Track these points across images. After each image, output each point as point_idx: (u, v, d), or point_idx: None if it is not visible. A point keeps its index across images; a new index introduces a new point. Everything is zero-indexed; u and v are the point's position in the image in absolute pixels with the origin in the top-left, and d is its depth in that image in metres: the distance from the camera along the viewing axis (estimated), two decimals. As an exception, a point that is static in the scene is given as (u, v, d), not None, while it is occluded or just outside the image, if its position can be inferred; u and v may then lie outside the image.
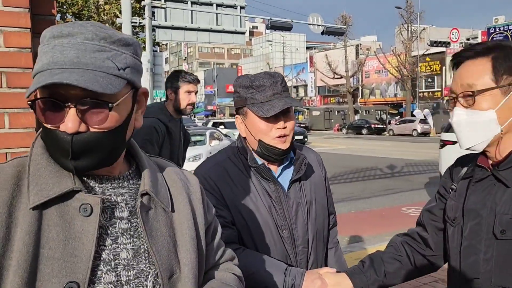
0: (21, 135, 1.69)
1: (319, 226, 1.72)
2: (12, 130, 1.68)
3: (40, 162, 0.90)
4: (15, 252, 0.81)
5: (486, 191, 1.32)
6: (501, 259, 1.24)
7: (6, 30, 1.66)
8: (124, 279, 0.90)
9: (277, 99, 1.56)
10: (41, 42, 0.86)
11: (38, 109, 0.83)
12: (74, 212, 0.87)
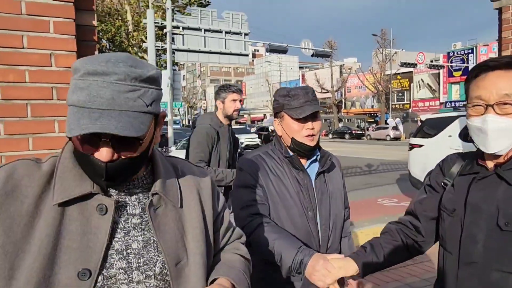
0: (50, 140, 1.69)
1: (338, 215, 1.71)
2: (61, 134, 1.68)
3: (67, 165, 0.87)
4: (36, 239, 0.79)
5: (489, 188, 1.24)
6: (504, 248, 1.18)
7: (57, 53, 1.67)
8: (135, 265, 0.88)
9: (307, 105, 1.58)
10: (74, 74, 0.81)
11: (75, 139, 0.80)
12: (92, 210, 0.86)
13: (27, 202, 0.81)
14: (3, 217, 0.78)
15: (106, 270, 0.85)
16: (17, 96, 1.60)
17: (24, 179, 0.83)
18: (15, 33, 1.59)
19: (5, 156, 1.59)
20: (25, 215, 0.80)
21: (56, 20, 1.66)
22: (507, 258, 1.16)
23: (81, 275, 0.80)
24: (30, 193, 0.82)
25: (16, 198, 0.81)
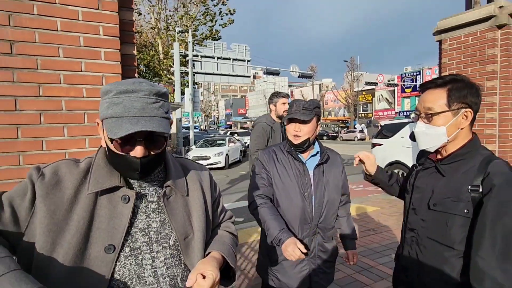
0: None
1: (332, 198, 1.65)
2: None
3: (100, 164, 0.88)
4: (74, 221, 0.80)
5: (429, 176, 1.27)
6: (431, 222, 1.21)
7: (107, 75, 1.68)
8: (154, 239, 0.88)
9: (294, 113, 1.57)
10: (105, 95, 0.83)
11: (115, 143, 0.81)
12: (118, 199, 0.86)
13: (68, 192, 0.82)
14: (49, 203, 0.79)
15: (132, 244, 0.85)
16: (76, 107, 1.61)
17: (66, 175, 0.84)
18: (75, 60, 1.60)
19: (68, 152, 1.59)
20: (66, 202, 0.81)
21: (106, 51, 1.67)
22: (433, 229, 1.19)
23: (107, 249, 0.81)
24: (70, 185, 0.83)
25: (60, 189, 0.81)
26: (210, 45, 15.46)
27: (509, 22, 4.03)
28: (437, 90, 1.18)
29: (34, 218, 0.77)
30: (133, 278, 0.82)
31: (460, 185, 1.12)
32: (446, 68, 4.61)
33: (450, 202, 1.12)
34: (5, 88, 1.46)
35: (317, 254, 1.63)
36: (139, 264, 0.84)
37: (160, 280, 0.86)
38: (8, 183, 1.46)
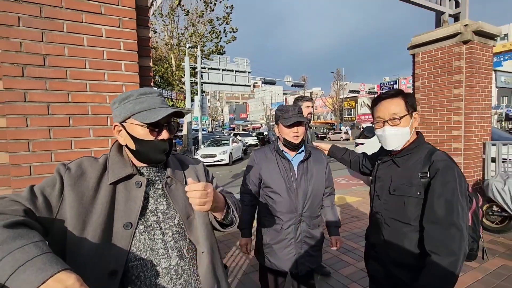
0: None
1: (316, 190, 1.63)
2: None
3: (115, 158, 0.91)
4: (98, 205, 0.82)
5: (387, 168, 1.33)
6: (392, 205, 1.26)
7: (127, 84, 1.67)
8: (161, 219, 0.91)
9: (293, 117, 1.56)
10: (128, 98, 0.88)
11: (146, 131, 0.87)
12: (132, 185, 0.88)
13: (91, 182, 0.84)
14: (76, 191, 0.81)
15: (145, 222, 0.88)
16: (101, 112, 1.60)
17: (88, 168, 0.87)
18: (99, 71, 1.59)
19: (93, 151, 1.58)
20: (91, 190, 0.83)
21: (126, 63, 1.66)
22: (394, 211, 1.26)
23: (125, 226, 0.84)
24: (93, 176, 0.85)
25: (84, 180, 0.84)
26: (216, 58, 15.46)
27: (472, 38, 4.03)
28: (395, 99, 1.24)
29: (64, 204, 0.79)
30: (147, 250, 0.85)
31: (411, 173, 1.20)
32: (419, 78, 4.60)
33: (405, 187, 1.20)
34: (39, 95, 1.45)
35: (302, 239, 1.62)
36: (151, 239, 0.87)
37: (169, 251, 0.88)
38: (41, 177, 1.46)
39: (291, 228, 1.59)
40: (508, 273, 2.77)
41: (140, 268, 0.83)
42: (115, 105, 0.89)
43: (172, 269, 0.87)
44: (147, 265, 0.84)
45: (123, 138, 0.90)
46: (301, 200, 1.59)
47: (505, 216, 3.70)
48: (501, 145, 4.12)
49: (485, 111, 4.34)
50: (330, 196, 1.80)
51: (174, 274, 0.87)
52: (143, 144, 0.88)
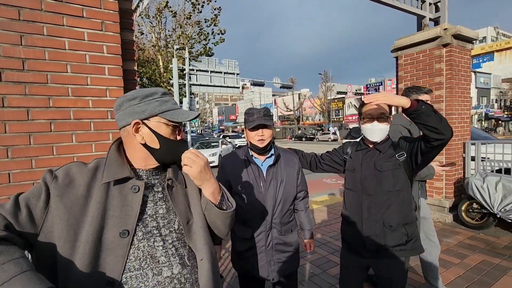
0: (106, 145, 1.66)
1: (286, 195, 1.56)
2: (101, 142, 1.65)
3: (113, 158, 0.85)
4: (90, 213, 0.77)
5: (371, 156, 1.59)
6: (379, 180, 1.53)
7: (110, 88, 1.64)
8: (161, 224, 0.86)
9: (257, 120, 1.49)
10: (155, 95, 0.87)
11: (171, 129, 0.87)
12: (128, 190, 0.83)
13: (81, 189, 0.79)
14: (65, 201, 0.76)
15: (144, 228, 0.83)
16: (84, 116, 1.57)
17: (77, 174, 0.81)
18: (82, 75, 1.56)
19: (76, 156, 1.55)
20: (81, 198, 0.78)
21: (110, 67, 1.63)
22: (381, 184, 1.52)
23: (122, 234, 0.79)
24: (82, 182, 0.80)
25: (73, 187, 0.79)
26: (204, 60, 15.36)
27: (452, 42, 4.17)
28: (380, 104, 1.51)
29: (49, 216, 0.74)
30: (147, 258, 0.80)
31: (389, 155, 1.54)
32: (402, 79, 4.72)
33: (387, 164, 1.53)
34: (18, 100, 1.41)
35: (274, 246, 1.55)
36: (151, 246, 0.82)
37: (171, 259, 0.84)
38: (21, 184, 1.41)
39: (262, 235, 1.53)
40: (488, 268, 2.87)
41: (140, 278, 0.78)
42: (135, 101, 0.84)
43: (175, 278, 0.83)
44: (147, 274, 0.79)
45: (143, 135, 0.85)
46: (270, 206, 1.52)
47: (484, 213, 3.84)
48: (480, 144, 4.27)
49: (464, 112, 4.50)
50: (303, 200, 1.73)
51: (177, 283, 0.83)
52: (168, 143, 0.86)
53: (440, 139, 1.34)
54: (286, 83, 23.69)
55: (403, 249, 1.53)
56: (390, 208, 1.52)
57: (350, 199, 1.66)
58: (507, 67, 37.34)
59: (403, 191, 1.52)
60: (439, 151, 1.44)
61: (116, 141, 0.91)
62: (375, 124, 1.52)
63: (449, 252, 3.27)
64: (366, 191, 1.56)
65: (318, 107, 43.30)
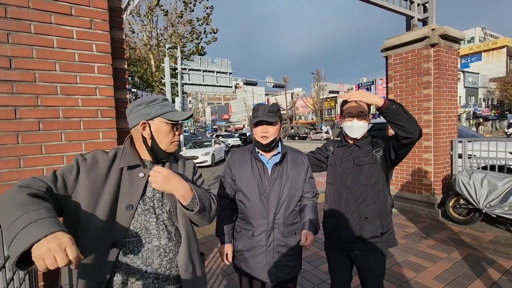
0: (108, 143, 1.65)
1: (291, 195, 1.51)
2: (104, 140, 1.64)
3: (127, 149, 1.09)
4: (107, 188, 0.99)
5: (351, 151, 1.68)
6: (357, 174, 1.62)
7: (100, 87, 1.62)
8: (156, 205, 1.07)
9: (261, 116, 1.46)
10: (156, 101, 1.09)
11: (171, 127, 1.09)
12: (136, 175, 1.05)
13: (102, 170, 1.02)
14: (91, 177, 0.99)
15: (143, 206, 1.04)
16: (73, 115, 1.56)
17: (100, 159, 1.04)
18: (71, 74, 1.55)
19: (66, 156, 1.54)
20: (102, 176, 1.01)
21: (99, 65, 1.62)
22: (358, 178, 1.62)
23: (127, 207, 1.01)
24: (104, 165, 1.03)
25: (97, 168, 1.01)
26: (197, 59, 15.28)
27: (439, 42, 4.26)
28: (361, 101, 1.59)
29: (78, 186, 0.96)
30: (142, 229, 1.02)
31: (367, 150, 1.63)
32: (392, 79, 4.80)
33: (364, 158, 1.61)
34: (5, 99, 1.39)
35: (274, 248, 1.49)
36: (147, 220, 1.03)
37: (160, 233, 1.05)
38: (9, 184, 1.40)
39: (263, 235, 1.48)
40: (474, 261, 2.96)
41: (135, 243, 1.00)
42: (141, 106, 1.07)
43: (161, 248, 1.04)
44: (141, 241, 1.01)
45: (147, 133, 1.07)
46: (273, 205, 1.48)
47: (470, 209, 3.95)
48: (467, 142, 4.39)
49: (452, 110, 4.60)
50: (311, 200, 1.64)
51: (162, 252, 1.04)
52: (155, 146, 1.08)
53: (408, 138, 1.45)
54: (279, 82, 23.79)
55: (378, 241, 1.61)
56: (365, 200, 1.60)
57: (330, 193, 1.74)
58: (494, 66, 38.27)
59: (378, 185, 1.61)
60: (409, 150, 1.55)
61: (129, 137, 1.12)
62: (354, 121, 1.61)
63: (436, 246, 3.35)
64: (344, 184, 1.65)
65: (310, 106, 43.55)
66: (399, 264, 2.94)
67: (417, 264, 2.93)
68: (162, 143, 1.08)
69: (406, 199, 4.71)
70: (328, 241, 1.78)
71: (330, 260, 1.79)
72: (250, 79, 20.51)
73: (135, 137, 1.10)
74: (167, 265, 1.04)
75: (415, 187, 4.65)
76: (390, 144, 1.56)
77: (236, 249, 1.58)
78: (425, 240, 3.55)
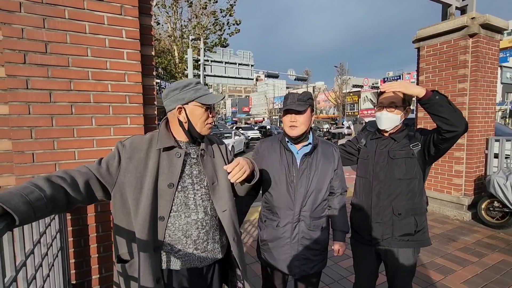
0: (135, 129, 1.68)
1: (319, 188, 1.47)
2: (132, 126, 1.67)
3: (163, 132, 1.14)
4: (149, 169, 1.07)
5: (385, 143, 1.61)
6: (392, 169, 1.55)
7: (129, 73, 1.65)
8: (195, 181, 1.16)
9: (290, 104, 1.41)
10: (190, 85, 1.12)
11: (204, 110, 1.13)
12: (173, 155, 1.12)
13: (143, 153, 1.09)
14: (133, 161, 1.07)
15: (182, 183, 1.12)
16: (103, 100, 1.59)
17: (139, 143, 1.11)
18: (102, 59, 1.58)
19: (96, 139, 1.58)
20: (143, 158, 1.08)
21: (128, 51, 1.64)
22: (393, 172, 1.54)
23: (169, 186, 1.09)
24: (143, 148, 1.10)
25: (138, 151, 1.09)
26: (219, 51, 15.32)
27: (479, 32, 3.95)
28: (397, 92, 1.51)
29: (121, 171, 1.05)
30: (182, 204, 1.11)
31: (403, 143, 1.56)
32: (423, 71, 4.54)
33: (400, 152, 1.54)
34: (41, 82, 1.44)
35: (299, 240, 1.46)
36: (186, 196, 1.12)
37: (197, 208, 1.14)
38: (44, 165, 1.46)
39: (288, 226, 1.45)
40: (508, 268, 2.77)
41: (176, 217, 1.10)
42: (176, 91, 1.11)
43: (198, 221, 1.14)
44: (181, 216, 1.11)
45: (183, 117, 1.12)
46: (300, 197, 1.44)
47: (506, 212, 3.69)
48: (505, 140, 4.08)
49: (489, 107, 4.29)
50: (339, 197, 1.58)
51: (200, 225, 1.14)
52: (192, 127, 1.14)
53: (452, 131, 1.35)
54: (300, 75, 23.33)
55: (411, 240, 1.53)
56: (399, 195, 1.53)
57: (361, 186, 1.68)
58: (537, 61, 35.15)
59: (414, 180, 1.53)
60: (452, 145, 1.45)
61: (164, 120, 1.18)
62: (384, 112, 1.55)
63: (466, 250, 3.17)
64: (377, 178, 1.58)
65: (332, 100, 42.46)
66: (424, 266, 2.81)
67: (444, 267, 2.79)
68: (197, 125, 1.13)
69: (433, 199, 4.49)
70: (355, 236, 1.71)
71: (356, 256, 1.72)
72: (271, 71, 20.26)
73: (170, 120, 1.16)
74: (204, 236, 1.15)
75: (443, 187, 4.41)
76: (430, 138, 1.47)
77: (261, 239, 1.56)
78: (453, 243, 3.36)
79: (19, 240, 0.86)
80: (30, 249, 0.92)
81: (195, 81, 1.13)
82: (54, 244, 1.24)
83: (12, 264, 0.75)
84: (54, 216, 1.24)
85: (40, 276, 1.01)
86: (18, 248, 0.84)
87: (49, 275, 1.12)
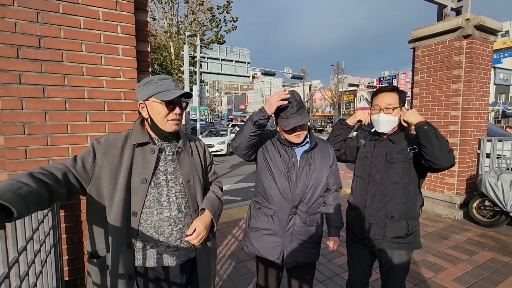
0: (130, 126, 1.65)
1: (317, 183, 1.49)
2: (127, 122, 1.66)
3: (137, 128, 1.16)
4: (123, 165, 1.09)
5: (383, 145, 1.61)
6: (388, 171, 1.55)
7: (124, 69, 1.64)
8: (169, 178, 1.16)
9: (292, 117, 1.36)
10: (149, 82, 1.12)
11: (165, 106, 1.10)
12: (147, 151, 1.13)
13: (117, 149, 1.10)
14: (108, 157, 1.08)
15: (156, 180, 1.13)
16: (97, 96, 1.58)
17: (114, 140, 1.12)
18: (97, 55, 1.56)
19: (90, 136, 1.57)
20: (118, 155, 1.10)
21: (124, 47, 1.63)
22: (389, 175, 1.55)
23: (142, 181, 1.10)
24: (118, 145, 1.11)
25: (112, 148, 1.10)
26: (216, 48, 15.23)
27: (473, 33, 3.99)
28: (391, 93, 1.54)
29: (97, 167, 1.07)
30: (155, 200, 1.12)
31: (402, 147, 1.55)
32: (418, 71, 4.58)
33: (398, 156, 1.54)
34: (34, 77, 1.42)
35: (293, 232, 1.48)
36: (159, 193, 1.13)
37: (171, 204, 1.15)
38: (37, 161, 1.45)
39: (283, 217, 1.47)
40: (497, 265, 2.82)
41: (149, 214, 1.11)
42: (140, 87, 1.13)
43: (171, 218, 1.14)
44: (153, 212, 1.11)
45: (145, 113, 1.14)
46: (299, 192, 1.45)
47: (496, 211, 3.76)
48: (497, 141, 4.14)
49: (482, 107, 4.35)
50: (334, 193, 1.62)
51: (172, 222, 1.14)
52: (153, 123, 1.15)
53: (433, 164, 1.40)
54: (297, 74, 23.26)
55: (402, 242, 1.54)
56: (394, 199, 1.54)
57: (357, 186, 1.69)
58: (530, 63, 35.67)
59: (410, 185, 1.54)
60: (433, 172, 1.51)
61: (140, 117, 1.19)
62: (381, 115, 1.55)
63: (457, 248, 3.23)
64: (373, 179, 1.59)
65: (329, 99, 42.59)
66: (416, 263, 2.86)
67: (436, 264, 2.84)
68: (157, 121, 1.13)
69: (425, 197, 4.55)
70: (350, 234, 1.73)
71: (351, 253, 1.75)
72: (268, 69, 20.18)
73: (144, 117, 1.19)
74: (177, 234, 1.15)
75: (436, 186, 4.47)
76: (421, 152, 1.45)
77: (252, 226, 1.54)
78: (445, 241, 3.42)
79: (12, 236, 0.85)
80: (23, 245, 0.91)
81: (158, 77, 1.13)
82: (47, 240, 1.23)
83: (5, 261, 0.74)
84: (47, 213, 1.23)
85: (33, 272, 1.00)
86: (10, 244, 0.84)
87: (42, 271, 1.11)
